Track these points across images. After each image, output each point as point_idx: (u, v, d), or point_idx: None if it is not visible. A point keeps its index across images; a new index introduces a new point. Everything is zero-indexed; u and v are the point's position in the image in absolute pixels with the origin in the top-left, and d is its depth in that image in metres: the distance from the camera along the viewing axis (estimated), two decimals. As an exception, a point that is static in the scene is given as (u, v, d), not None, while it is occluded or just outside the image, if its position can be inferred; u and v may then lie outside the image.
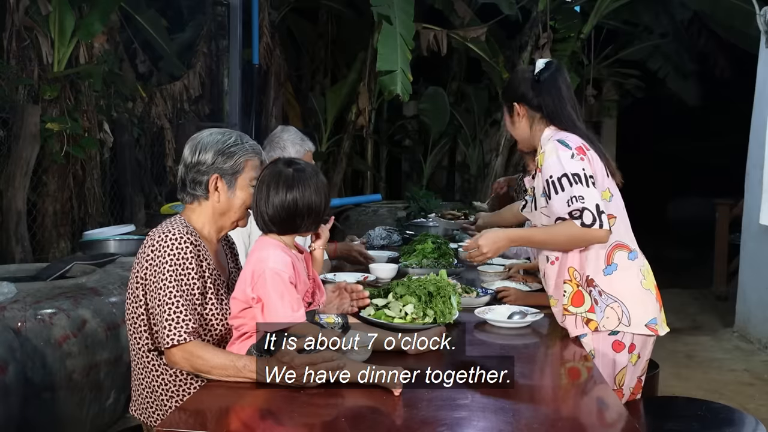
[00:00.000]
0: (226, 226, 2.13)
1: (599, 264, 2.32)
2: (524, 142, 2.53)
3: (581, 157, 2.27)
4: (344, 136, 8.80)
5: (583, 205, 2.20)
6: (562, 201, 2.24)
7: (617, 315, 2.29)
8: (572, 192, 2.22)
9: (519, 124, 2.49)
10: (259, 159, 2.11)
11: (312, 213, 1.95)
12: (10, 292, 3.00)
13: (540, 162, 2.35)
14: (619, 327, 2.30)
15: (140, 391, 2.10)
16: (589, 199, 2.21)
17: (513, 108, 2.47)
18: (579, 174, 2.24)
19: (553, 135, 2.37)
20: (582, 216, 2.20)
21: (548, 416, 1.72)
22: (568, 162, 2.25)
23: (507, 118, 2.55)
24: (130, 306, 2.06)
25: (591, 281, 2.31)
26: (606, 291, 2.30)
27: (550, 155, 2.30)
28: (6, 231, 4.61)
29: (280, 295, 1.87)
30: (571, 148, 2.28)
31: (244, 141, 2.11)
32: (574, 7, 8.27)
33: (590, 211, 2.20)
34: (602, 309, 2.30)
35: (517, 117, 2.48)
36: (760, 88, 5.79)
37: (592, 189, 2.23)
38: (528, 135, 2.49)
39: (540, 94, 2.41)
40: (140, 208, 5.94)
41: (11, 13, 4.83)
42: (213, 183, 2.06)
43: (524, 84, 2.44)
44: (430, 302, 2.34)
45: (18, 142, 4.64)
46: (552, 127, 2.41)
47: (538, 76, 2.41)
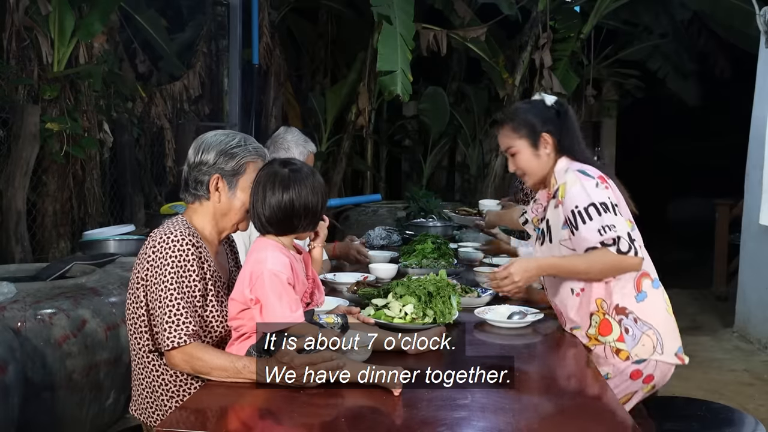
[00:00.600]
0: (227, 228, 2.12)
1: (630, 292, 2.28)
2: (538, 175, 2.45)
3: (605, 186, 2.25)
4: (344, 136, 8.80)
5: (617, 233, 2.17)
6: (592, 230, 2.19)
7: (653, 342, 2.26)
8: (603, 221, 2.18)
9: (543, 156, 2.40)
10: (263, 161, 2.10)
11: (309, 213, 1.95)
12: (9, 292, 3.00)
13: (561, 194, 2.30)
14: (654, 355, 2.26)
15: (140, 392, 2.10)
16: (621, 227, 2.18)
17: (539, 139, 2.39)
18: (606, 202, 2.21)
19: (570, 165, 2.34)
20: (618, 243, 2.17)
21: (548, 416, 1.72)
22: (594, 191, 2.22)
23: (525, 151, 2.42)
24: (130, 306, 2.06)
25: (622, 309, 2.27)
26: (641, 318, 2.26)
27: (573, 185, 2.26)
28: (6, 231, 4.61)
29: (278, 296, 1.87)
30: (593, 177, 2.26)
31: (248, 143, 2.10)
32: (573, 7, 8.27)
33: (625, 239, 2.17)
34: (636, 337, 2.25)
35: (543, 148, 2.40)
36: (760, 88, 5.79)
37: (620, 217, 2.21)
38: (546, 168, 2.42)
39: (560, 126, 2.39)
40: (140, 208, 5.94)
41: (11, 13, 4.83)
42: (214, 183, 2.05)
43: (549, 115, 2.40)
44: (429, 302, 2.34)
45: (18, 142, 4.64)
46: (566, 158, 2.38)
47: (557, 109, 2.40)
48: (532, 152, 2.41)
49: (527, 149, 2.41)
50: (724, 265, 7.13)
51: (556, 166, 2.40)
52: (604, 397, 1.83)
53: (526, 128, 2.40)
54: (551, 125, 2.39)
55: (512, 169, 2.48)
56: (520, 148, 2.42)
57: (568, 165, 2.35)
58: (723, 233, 7.09)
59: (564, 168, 2.35)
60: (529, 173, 2.44)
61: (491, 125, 9.50)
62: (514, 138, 2.42)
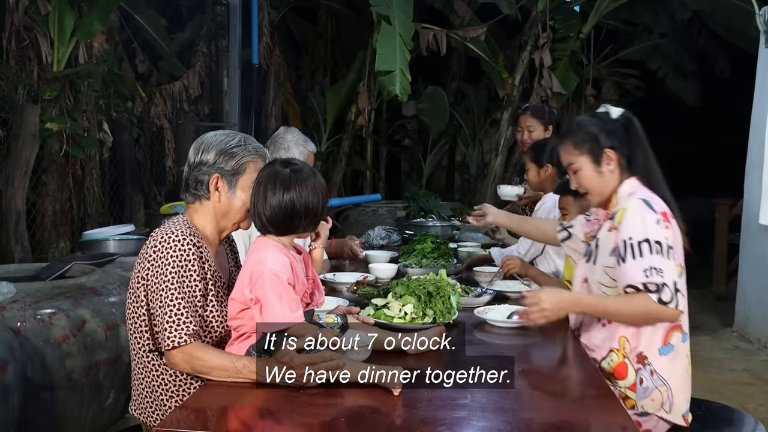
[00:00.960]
0: (227, 228, 2.12)
1: (655, 341, 2.17)
2: (602, 194, 2.30)
3: (666, 225, 2.12)
4: (344, 136, 8.80)
5: (663, 279, 2.04)
6: (637, 268, 2.07)
7: (662, 399, 2.16)
8: (651, 262, 2.06)
9: (605, 174, 2.25)
10: (263, 161, 2.10)
11: (309, 213, 1.95)
12: (9, 291, 2.99)
13: (618, 219, 2.17)
14: (659, 412, 2.17)
15: (140, 391, 2.10)
16: (668, 273, 2.06)
17: (602, 155, 2.24)
18: (661, 242, 2.08)
19: (636, 191, 2.21)
20: (661, 291, 2.04)
21: (548, 416, 1.72)
22: (652, 227, 2.10)
23: (587, 168, 2.27)
24: (131, 306, 2.06)
25: (643, 358, 2.17)
26: (658, 372, 2.16)
27: (633, 214, 2.13)
28: (5, 231, 4.61)
29: (278, 296, 1.87)
30: (656, 212, 2.13)
31: (248, 143, 2.10)
32: (573, 7, 8.27)
33: (669, 288, 2.04)
34: (648, 390, 2.16)
35: (605, 165, 2.24)
36: (759, 87, 5.79)
37: (672, 263, 2.08)
38: (611, 186, 2.27)
39: (626, 142, 2.24)
40: (140, 207, 5.94)
41: (11, 12, 4.83)
42: (213, 183, 2.05)
43: (614, 130, 2.24)
44: (429, 302, 2.34)
45: (17, 141, 4.64)
46: (633, 180, 2.24)
47: (624, 123, 2.25)
48: (594, 169, 2.26)
49: (589, 166, 2.26)
50: (723, 265, 7.13)
51: (621, 186, 2.26)
52: (604, 397, 1.83)
53: (588, 143, 2.25)
54: (616, 140, 2.24)
55: (574, 187, 2.34)
56: (582, 165, 2.27)
57: (634, 189, 2.21)
58: (723, 233, 7.10)
59: (628, 191, 2.22)
60: (592, 192, 2.30)
61: (491, 125, 9.50)
62: (575, 154, 2.28)
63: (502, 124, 8.02)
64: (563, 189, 3.01)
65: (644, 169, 2.24)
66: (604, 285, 2.24)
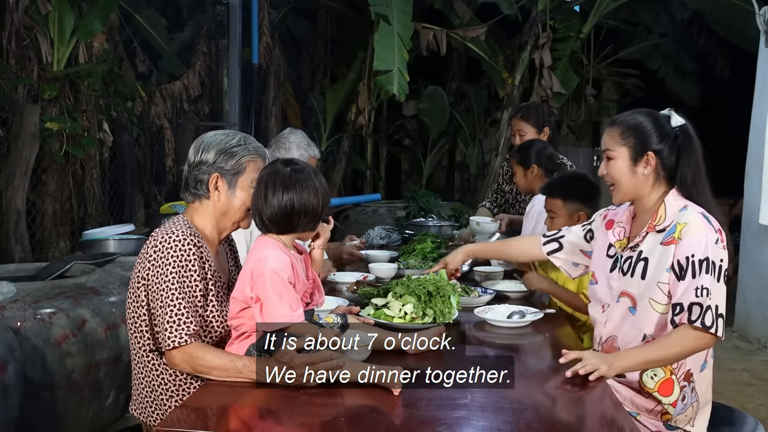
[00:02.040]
0: (227, 227, 2.12)
1: (700, 358, 2.14)
2: (628, 193, 2.20)
3: (723, 245, 2.05)
4: (344, 136, 8.80)
5: (709, 302, 1.98)
6: (690, 287, 2.01)
7: (692, 415, 2.15)
8: (703, 281, 1.99)
9: (639, 175, 2.15)
10: (263, 161, 2.10)
11: (309, 213, 1.95)
12: (9, 291, 2.99)
13: (678, 234, 2.07)
14: (687, 426, 2.15)
15: (140, 391, 2.10)
16: (716, 296, 1.99)
17: (643, 155, 2.14)
18: (718, 264, 2.02)
19: (689, 204, 2.12)
20: (703, 315, 1.98)
21: (548, 416, 1.72)
22: (713, 247, 2.02)
23: (622, 161, 2.17)
24: (131, 306, 2.06)
25: (689, 376, 2.13)
26: (697, 389, 2.15)
27: (696, 230, 2.04)
28: (5, 230, 4.61)
29: (279, 294, 1.87)
30: (716, 232, 2.05)
31: (248, 142, 2.10)
32: (573, 7, 8.28)
33: (712, 313, 1.98)
34: (686, 407, 2.14)
35: (642, 167, 2.15)
36: (759, 87, 5.79)
37: (722, 286, 2.02)
38: (639, 189, 2.17)
39: (677, 155, 2.15)
40: (140, 207, 5.94)
41: (11, 12, 4.83)
42: (213, 182, 2.06)
43: (663, 136, 2.14)
44: (429, 302, 2.34)
45: (17, 141, 4.64)
46: (676, 192, 2.16)
47: (680, 133, 2.15)
48: (629, 165, 2.16)
49: (626, 160, 2.16)
50: (723, 265, 7.12)
51: (667, 197, 2.15)
52: (604, 397, 1.83)
53: (635, 138, 2.15)
54: (665, 147, 2.13)
55: (602, 173, 2.23)
56: (619, 156, 2.17)
57: (686, 203, 2.12)
58: (722, 233, 7.09)
59: (681, 204, 2.12)
60: (618, 186, 2.19)
61: (491, 125, 9.50)
62: (618, 142, 2.17)
63: (502, 124, 8.02)
64: (551, 190, 2.95)
65: (692, 186, 2.15)
66: (658, 302, 2.12)
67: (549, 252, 2.56)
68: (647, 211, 2.20)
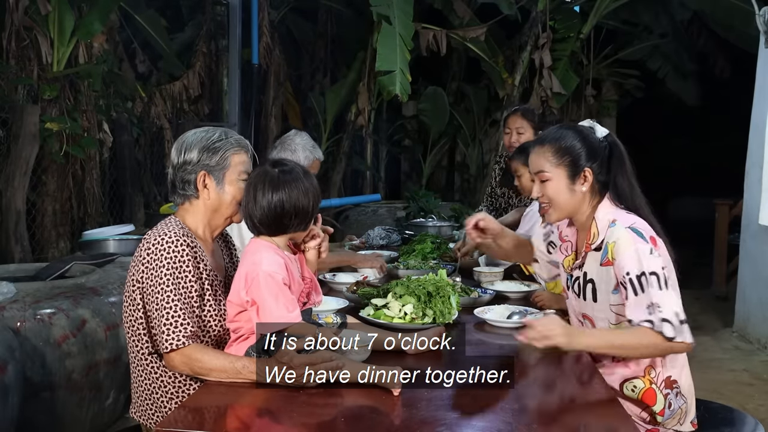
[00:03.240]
0: (219, 224, 2.12)
1: (680, 360, 2.13)
2: (565, 211, 2.17)
3: (658, 253, 2.01)
4: (344, 136, 8.80)
5: (662, 315, 1.94)
6: (641, 306, 1.97)
7: (681, 416, 2.13)
8: (651, 297, 1.95)
9: (577, 192, 2.13)
10: (247, 153, 2.10)
11: (300, 213, 1.95)
12: (9, 291, 2.99)
13: (612, 255, 2.05)
14: (675, 426, 2.13)
15: (139, 393, 2.09)
16: (668, 307, 1.94)
17: (580, 173, 2.11)
18: (657, 273, 1.97)
19: (617, 216, 2.08)
20: (663, 330, 1.93)
21: (548, 416, 1.72)
22: (647, 258, 1.99)
23: (560, 182, 2.13)
24: (127, 309, 2.05)
25: (672, 382, 2.11)
26: (683, 392, 2.13)
27: (627, 248, 2.01)
28: (5, 231, 4.61)
29: (274, 297, 1.87)
30: (647, 242, 2.01)
31: (229, 136, 2.10)
32: (573, 7, 8.27)
33: (670, 323, 1.93)
34: (674, 411, 2.11)
35: (579, 184, 2.12)
36: (759, 88, 5.79)
37: (670, 292, 1.97)
38: (578, 206, 2.15)
39: (607, 165, 2.13)
40: (140, 207, 5.94)
41: (11, 12, 4.83)
42: (201, 180, 2.05)
43: (594, 150, 2.12)
44: (429, 302, 2.34)
45: (17, 141, 4.64)
46: (608, 202, 2.13)
47: (609, 147, 2.14)
48: (567, 185, 2.12)
49: (563, 180, 2.12)
50: (723, 265, 7.13)
51: (597, 211, 2.13)
52: (604, 397, 1.83)
53: (569, 157, 2.11)
54: (597, 161, 2.12)
55: (536, 195, 2.18)
56: (555, 177, 2.12)
57: (614, 215, 2.09)
58: (722, 233, 7.09)
59: (610, 218, 2.09)
60: (556, 206, 2.15)
61: (491, 125, 9.50)
62: (552, 163, 2.13)
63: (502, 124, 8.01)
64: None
65: (629, 193, 2.13)
66: (613, 324, 2.12)
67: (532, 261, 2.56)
68: (584, 226, 2.19)
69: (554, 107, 7.92)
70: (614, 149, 2.15)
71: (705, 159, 10.15)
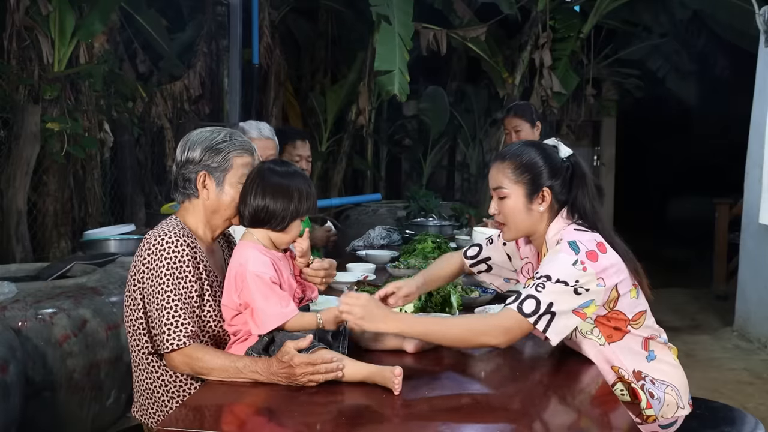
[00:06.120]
0: (219, 225, 2.11)
1: (640, 352, 2.09)
2: (520, 230, 2.12)
3: (583, 267, 1.91)
4: (344, 136, 8.80)
5: (535, 294, 1.89)
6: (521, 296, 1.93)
7: (675, 400, 2.09)
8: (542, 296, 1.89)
9: (534, 212, 2.07)
10: (251, 156, 2.09)
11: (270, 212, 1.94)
12: (10, 291, 3.00)
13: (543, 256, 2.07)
14: (678, 412, 2.09)
15: (141, 393, 2.10)
16: (547, 294, 1.89)
17: (539, 193, 2.05)
18: (565, 281, 1.90)
19: (563, 234, 2.02)
20: (523, 302, 1.89)
21: (548, 416, 1.72)
22: (564, 266, 1.92)
23: (517, 200, 2.07)
24: (128, 309, 2.06)
25: (639, 373, 2.08)
26: (657, 378, 2.09)
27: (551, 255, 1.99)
28: (6, 231, 4.62)
29: (264, 296, 1.87)
30: (578, 253, 1.93)
31: (234, 138, 2.09)
32: (573, 7, 8.28)
33: (536, 302, 1.88)
34: (661, 399, 2.07)
35: (537, 204, 2.06)
36: (759, 87, 5.80)
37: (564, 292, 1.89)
38: (534, 226, 2.10)
39: (568, 187, 2.08)
40: (140, 207, 5.95)
41: (11, 13, 4.84)
42: (201, 180, 2.05)
43: (559, 169, 2.08)
44: (429, 302, 2.35)
45: (18, 141, 4.64)
46: (560, 220, 2.08)
47: (571, 168, 2.09)
48: (524, 203, 2.07)
49: (520, 198, 2.06)
50: (723, 264, 7.13)
51: (548, 231, 2.08)
52: (605, 397, 1.83)
53: (529, 175, 2.06)
54: (557, 182, 2.07)
55: (492, 212, 2.12)
56: (512, 195, 2.07)
57: (562, 233, 2.03)
58: (722, 232, 7.10)
59: (558, 237, 2.03)
60: (511, 225, 2.10)
61: (491, 124, 9.50)
62: (510, 180, 2.07)
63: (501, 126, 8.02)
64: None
65: (593, 215, 2.06)
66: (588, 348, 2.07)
67: (478, 272, 2.46)
68: (540, 245, 2.14)
69: (554, 107, 7.93)
70: (576, 169, 2.09)
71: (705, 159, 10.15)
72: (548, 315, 1.89)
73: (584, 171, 2.11)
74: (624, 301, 2.03)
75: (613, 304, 2.01)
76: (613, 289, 1.98)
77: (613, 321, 2.04)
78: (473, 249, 2.45)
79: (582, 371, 2.02)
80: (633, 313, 2.06)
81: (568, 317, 1.92)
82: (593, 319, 2.02)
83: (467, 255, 2.45)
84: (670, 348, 2.19)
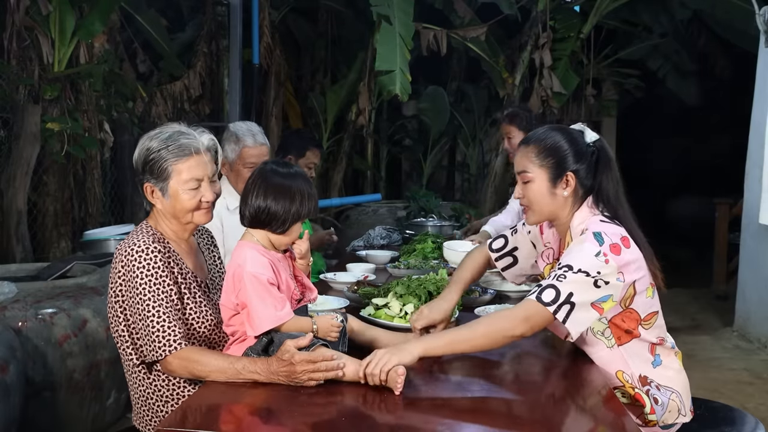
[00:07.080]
0: (183, 228, 2.09)
1: (647, 358, 2.09)
2: (544, 214, 2.11)
3: (606, 259, 1.90)
4: (344, 136, 8.80)
5: (556, 284, 1.88)
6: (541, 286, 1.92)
7: (677, 406, 2.10)
8: (562, 286, 1.88)
9: (559, 196, 2.05)
10: (194, 155, 2.02)
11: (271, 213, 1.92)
12: (10, 291, 3.00)
13: (566, 245, 2.07)
14: (678, 418, 2.10)
15: (137, 401, 2.10)
16: (568, 283, 1.88)
17: (563, 177, 2.04)
18: (589, 272, 1.89)
19: (589, 225, 2.00)
20: (543, 291, 1.89)
21: (548, 416, 1.72)
22: (587, 257, 1.90)
23: (541, 184, 2.05)
24: (112, 321, 2.05)
25: (644, 378, 2.07)
26: (662, 384, 2.09)
27: (575, 245, 1.98)
28: (6, 231, 4.61)
29: (260, 298, 1.87)
30: (602, 245, 1.91)
31: (171, 142, 2.02)
32: (573, 7, 8.27)
33: (556, 293, 1.87)
34: (664, 405, 2.07)
35: (561, 188, 2.05)
36: (759, 87, 5.80)
37: (584, 282, 1.88)
38: (558, 211, 2.09)
39: (593, 171, 2.06)
40: (140, 207, 5.94)
41: (11, 13, 4.83)
42: (149, 191, 2.04)
43: (580, 154, 2.05)
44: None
45: (18, 141, 4.64)
46: (585, 209, 2.06)
47: (597, 153, 2.07)
48: (548, 187, 2.05)
49: (544, 182, 2.05)
50: (723, 264, 7.13)
51: (573, 219, 2.07)
52: (605, 397, 1.83)
53: (553, 159, 2.04)
54: (582, 166, 2.05)
55: (517, 196, 2.12)
56: (537, 179, 2.06)
57: (587, 223, 2.01)
58: (723, 232, 7.10)
59: (582, 227, 2.01)
60: (535, 209, 2.09)
61: (491, 125, 9.51)
62: (535, 164, 2.06)
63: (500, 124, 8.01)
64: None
65: (616, 201, 2.06)
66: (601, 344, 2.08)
67: (503, 268, 2.42)
68: (563, 233, 2.14)
69: (554, 107, 7.92)
70: (602, 154, 2.08)
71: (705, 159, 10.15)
72: (568, 305, 1.87)
73: (610, 156, 2.08)
74: (639, 300, 2.03)
75: (629, 302, 2.01)
76: (630, 285, 1.98)
77: (627, 321, 2.03)
78: (499, 241, 2.40)
79: (583, 374, 2.02)
80: (646, 312, 2.06)
81: (587, 310, 1.91)
82: (608, 319, 2.02)
83: (492, 248, 2.41)
84: (676, 353, 2.19)
